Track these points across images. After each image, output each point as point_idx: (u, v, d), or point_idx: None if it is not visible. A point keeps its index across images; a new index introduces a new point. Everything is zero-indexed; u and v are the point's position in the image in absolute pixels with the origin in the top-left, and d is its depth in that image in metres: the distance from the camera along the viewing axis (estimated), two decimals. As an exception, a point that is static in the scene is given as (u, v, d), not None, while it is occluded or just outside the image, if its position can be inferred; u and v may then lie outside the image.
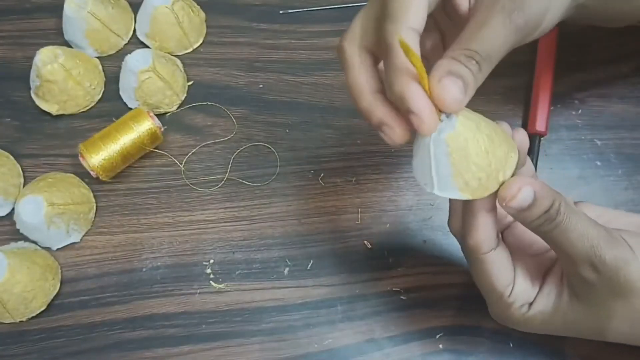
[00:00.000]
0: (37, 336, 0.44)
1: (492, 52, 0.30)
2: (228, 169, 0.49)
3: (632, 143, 0.50)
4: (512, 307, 0.35)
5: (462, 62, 0.29)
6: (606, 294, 0.32)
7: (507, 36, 0.31)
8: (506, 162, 0.30)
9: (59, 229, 0.45)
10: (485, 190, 0.30)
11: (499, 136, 0.30)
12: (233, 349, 0.44)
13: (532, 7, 0.31)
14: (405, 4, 0.30)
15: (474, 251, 0.34)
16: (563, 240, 0.32)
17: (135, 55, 0.49)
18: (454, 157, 0.29)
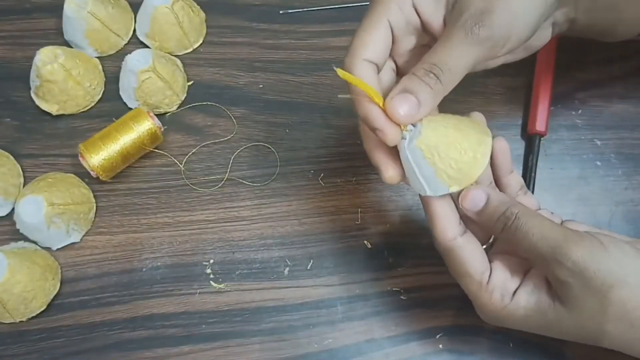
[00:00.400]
0: (37, 336, 0.44)
1: (452, 65, 0.32)
2: (228, 169, 0.49)
3: (632, 143, 0.50)
4: (492, 296, 0.35)
5: (420, 76, 0.32)
6: (583, 291, 0.33)
7: (468, 49, 0.32)
8: (479, 145, 0.33)
9: (59, 229, 0.45)
10: (471, 177, 0.33)
11: (467, 126, 0.33)
12: (233, 349, 0.44)
13: (496, 19, 0.32)
14: (363, 40, 0.34)
15: (441, 241, 0.35)
16: (527, 243, 0.34)
17: (135, 55, 0.49)
18: (430, 157, 0.32)
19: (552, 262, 0.33)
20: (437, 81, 0.32)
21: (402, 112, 0.31)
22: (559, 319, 0.34)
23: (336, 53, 0.54)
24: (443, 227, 0.35)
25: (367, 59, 0.34)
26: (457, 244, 0.35)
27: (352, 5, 0.56)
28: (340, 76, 0.32)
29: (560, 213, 0.48)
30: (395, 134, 0.32)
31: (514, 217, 0.34)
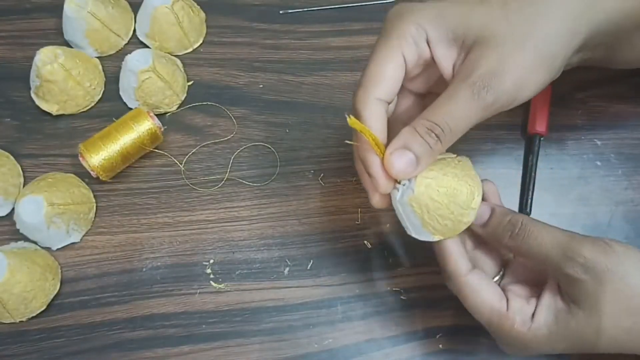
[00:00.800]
0: (37, 336, 0.44)
1: (454, 126, 0.32)
2: (228, 169, 0.49)
3: (632, 143, 0.50)
4: (515, 323, 0.35)
5: (421, 134, 0.32)
6: (597, 286, 0.32)
7: (472, 112, 0.32)
8: (469, 205, 0.34)
9: (59, 229, 0.45)
10: (454, 231, 0.35)
11: (460, 184, 0.34)
12: (233, 349, 0.44)
13: (504, 84, 0.31)
14: (377, 74, 0.33)
15: (455, 278, 0.36)
16: (537, 248, 0.34)
17: (135, 55, 0.49)
18: (418, 213, 0.34)
19: (563, 261, 0.33)
20: (437, 141, 0.32)
21: (398, 167, 0.32)
22: (579, 325, 0.34)
23: (336, 53, 0.54)
24: (455, 265, 0.36)
25: (379, 97, 0.33)
26: (472, 279, 0.36)
27: (352, 5, 0.56)
28: (350, 124, 0.32)
29: (560, 213, 0.48)
30: (388, 186, 0.33)
31: (520, 224, 0.35)
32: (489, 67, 0.31)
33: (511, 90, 0.32)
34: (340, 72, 0.53)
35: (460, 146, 0.50)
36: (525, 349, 0.36)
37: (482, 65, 0.32)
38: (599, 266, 0.32)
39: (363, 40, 0.54)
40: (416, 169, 0.33)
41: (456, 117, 0.32)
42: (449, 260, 0.36)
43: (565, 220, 0.48)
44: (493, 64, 0.31)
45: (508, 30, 0.32)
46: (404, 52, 0.33)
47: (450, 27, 0.33)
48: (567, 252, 0.33)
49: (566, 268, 0.33)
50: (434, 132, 0.32)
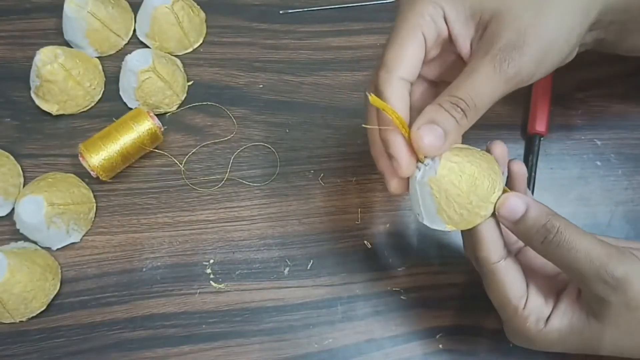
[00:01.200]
0: (37, 336, 0.44)
1: (478, 101, 0.32)
2: (228, 169, 0.49)
3: (632, 143, 0.50)
4: (527, 321, 0.35)
5: (447, 109, 0.31)
6: (622, 309, 0.32)
7: (495, 86, 0.32)
8: (488, 198, 0.33)
9: (59, 229, 0.45)
10: (469, 224, 0.33)
11: (482, 175, 0.33)
12: (233, 349, 0.44)
13: (525, 56, 0.31)
14: (399, 54, 0.32)
15: (484, 263, 0.35)
16: (570, 260, 0.32)
17: (135, 55, 0.49)
18: (437, 197, 0.33)
19: (595, 281, 0.32)
20: (463, 115, 0.32)
21: (427, 141, 0.31)
22: (594, 336, 0.33)
23: (336, 53, 0.54)
24: (488, 250, 0.34)
25: (402, 77, 0.33)
26: (500, 268, 0.34)
27: (352, 5, 0.56)
28: (372, 103, 0.31)
29: (560, 213, 0.48)
30: (411, 167, 0.33)
31: (556, 230, 0.32)
32: (509, 40, 0.31)
33: (532, 62, 0.32)
34: (340, 72, 0.53)
35: (460, 146, 0.50)
36: (531, 344, 0.36)
37: (502, 39, 0.31)
38: (629, 291, 0.31)
39: (363, 40, 0.54)
40: (445, 143, 0.32)
41: (479, 92, 0.32)
42: (482, 245, 0.34)
43: (565, 220, 0.48)
44: (512, 37, 0.31)
45: (525, 3, 0.32)
46: (424, 31, 0.33)
47: (467, 3, 0.33)
48: (601, 272, 0.31)
49: (596, 287, 0.32)
50: (459, 107, 0.31)
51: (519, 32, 0.31)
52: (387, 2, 0.56)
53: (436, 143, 0.31)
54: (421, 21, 0.33)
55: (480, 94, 0.32)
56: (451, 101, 0.32)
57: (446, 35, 0.34)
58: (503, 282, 0.35)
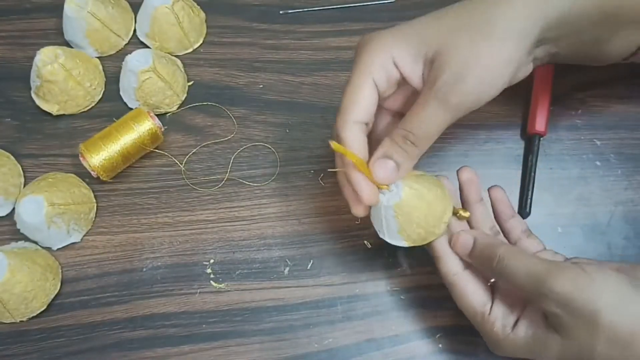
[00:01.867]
0: (37, 336, 0.44)
1: (427, 132, 0.35)
2: (228, 169, 0.49)
3: (632, 143, 0.50)
4: (494, 326, 0.37)
5: (398, 143, 0.36)
6: (572, 320, 0.33)
7: (442, 117, 0.35)
8: (441, 219, 0.39)
9: (59, 228, 0.45)
10: (424, 240, 0.39)
11: (437, 200, 0.38)
12: (233, 349, 0.44)
13: (467, 87, 0.34)
14: (353, 100, 0.36)
15: (445, 275, 0.39)
16: (515, 281, 0.35)
17: (135, 55, 0.49)
18: (399, 219, 0.38)
19: (538, 296, 0.34)
20: (413, 147, 0.36)
21: (381, 175, 0.36)
22: (556, 347, 0.35)
23: (336, 53, 0.54)
24: (445, 263, 0.39)
25: (356, 120, 0.37)
26: (460, 280, 0.39)
27: (352, 5, 0.56)
28: (334, 149, 0.36)
29: (560, 213, 0.48)
30: (373, 196, 0.37)
31: (497, 257, 0.36)
32: (450, 74, 0.34)
33: (473, 92, 0.35)
34: (340, 72, 0.53)
35: (461, 146, 0.50)
36: (503, 352, 0.38)
37: (445, 73, 0.34)
38: (572, 303, 0.33)
39: (363, 41, 0.54)
40: (398, 174, 0.36)
41: (428, 123, 0.35)
42: (440, 260, 0.39)
43: (565, 220, 0.48)
44: (453, 71, 0.34)
45: (463, 38, 0.34)
46: (374, 77, 0.37)
47: (412, 45, 0.36)
48: (540, 288, 0.34)
49: (542, 303, 0.34)
50: (409, 139, 0.36)
51: (460, 65, 0.34)
52: (387, 2, 0.56)
53: (390, 175, 0.36)
54: (371, 69, 0.36)
55: (428, 126, 0.35)
56: (402, 134, 0.36)
57: (398, 76, 0.37)
58: (465, 292, 0.39)
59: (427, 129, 0.35)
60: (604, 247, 0.47)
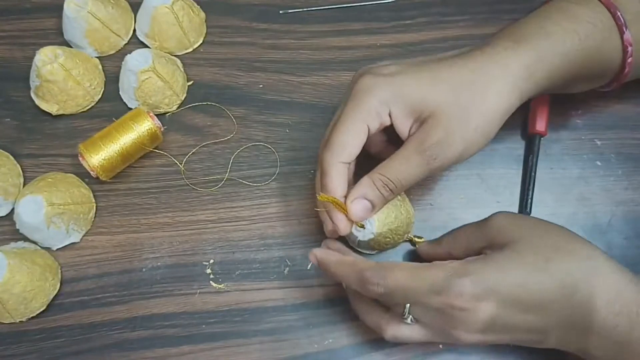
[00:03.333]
0: (37, 336, 0.44)
1: (405, 182, 0.39)
2: (228, 169, 0.49)
3: (632, 143, 0.50)
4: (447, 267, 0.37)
5: (378, 187, 0.39)
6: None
7: (422, 173, 0.39)
8: (406, 232, 0.45)
9: (58, 229, 0.45)
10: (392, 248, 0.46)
11: (402, 219, 0.44)
12: (233, 349, 0.44)
13: (449, 153, 0.38)
14: (344, 141, 0.39)
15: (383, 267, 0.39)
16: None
17: (135, 55, 0.49)
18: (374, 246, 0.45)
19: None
20: (390, 193, 0.39)
21: (357, 214, 0.39)
22: None
23: (336, 53, 0.54)
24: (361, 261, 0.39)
25: (344, 161, 0.39)
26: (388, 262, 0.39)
27: (352, 5, 0.56)
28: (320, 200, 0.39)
29: (560, 213, 0.48)
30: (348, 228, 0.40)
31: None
32: (438, 139, 0.38)
33: (455, 157, 0.38)
34: (340, 72, 0.53)
35: (460, 146, 0.50)
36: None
37: (433, 137, 0.38)
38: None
39: (363, 40, 0.54)
40: (372, 212, 0.40)
41: (408, 176, 0.39)
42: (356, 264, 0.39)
43: (565, 220, 0.48)
44: (442, 136, 0.38)
45: (455, 112, 0.38)
46: (369, 124, 0.39)
47: (409, 103, 0.39)
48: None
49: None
50: (388, 187, 0.39)
51: (447, 134, 0.38)
52: (387, 2, 0.56)
53: (364, 214, 0.39)
54: (367, 116, 0.39)
55: (407, 178, 0.39)
56: (383, 181, 0.39)
57: (388, 123, 0.40)
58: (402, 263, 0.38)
59: (406, 181, 0.39)
60: (604, 247, 0.47)
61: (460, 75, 0.39)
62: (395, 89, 0.39)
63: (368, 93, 0.39)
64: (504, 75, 0.39)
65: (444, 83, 0.39)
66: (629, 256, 0.47)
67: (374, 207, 0.39)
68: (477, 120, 0.38)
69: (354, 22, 0.55)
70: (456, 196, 0.49)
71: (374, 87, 0.39)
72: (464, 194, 0.49)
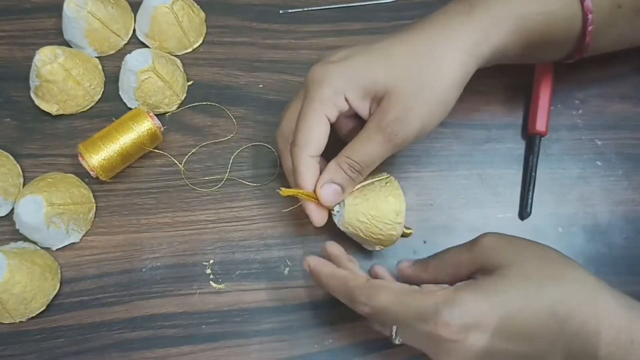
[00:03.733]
0: (37, 336, 0.44)
1: (370, 162, 0.40)
2: (228, 169, 0.49)
3: (632, 143, 0.50)
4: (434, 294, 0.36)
5: (344, 170, 0.40)
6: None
7: (385, 150, 0.39)
8: (394, 220, 0.42)
9: (58, 229, 0.45)
10: (390, 242, 0.43)
11: (382, 205, 0.41)
12: (233, 349, 0.44)
13: (409, 127, 0.38)
14: (308, 136, 0.40)
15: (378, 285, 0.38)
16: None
17: (135, 55, 0.49)
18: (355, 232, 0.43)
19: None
20: (358, 175, 0.40)
21: (327, 198, 0.40)
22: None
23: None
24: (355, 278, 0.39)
25: (311, 155, 0.40)
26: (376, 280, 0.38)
27: (352, 5, 0.56)
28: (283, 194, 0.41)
29: (560, 213, 0.48)
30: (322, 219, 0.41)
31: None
32: (396, 115, 0.38)
33: (416, 131, 0.39)
34: (340, 72, 0.53)
35: (461, 146, 0.50)
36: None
37: (391, 113, 0.38)
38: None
39: (363, 40, 0.54)
40: (342, 195, 0.41)
41: (372, 155, 0.39)
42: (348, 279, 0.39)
43: (565, 220, 0.48)
44: (399, 113, 0.38)
45: (409, 87, 0.38)
46: (327, 114, 0.40)
47: (362, 86, 0.39)
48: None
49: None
50: (354, 168, 0.40)
51: (404, 109, 0.38)
52: (387, 2, 0.56)
53: (334, 198, 0.40)
54: (324, 106, 0.39)
55: (372, 157, 0.40)
56: (348, 163, 0.40)
57: (347, 108, 0.40)
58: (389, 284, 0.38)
59: (371, 161, 0.40)
60: (604, 247, 0.47)
61: (410, 50, 0.39)
62: (346, 74, 0.39)
63: (320, 84, 0.39)
64: (456, 44, 0.39)
65: (395, 60, 0.39)
66: (629, 256, 0.47)
67: (344, 190, 0.40)
68: (432, 92, 0.38)
69: (354, 22, 0.55)
70: (456, 196, 0.49)
71: (325, 76, 0.39)
72: (464, 194, 0.49)
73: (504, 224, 0.48)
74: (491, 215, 0.48)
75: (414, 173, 0.49)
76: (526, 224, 0.48)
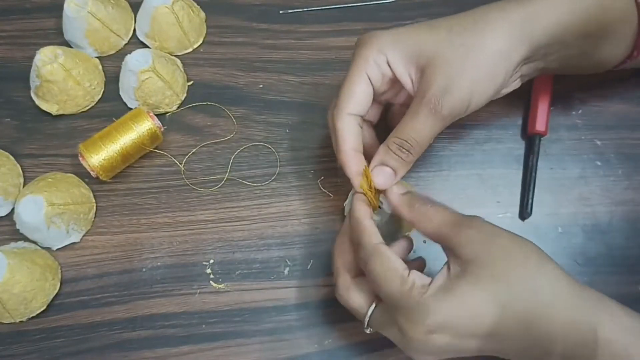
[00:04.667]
0: (37, 336, 0.44)
1: (420, 140, 0.38)
2: (228, 169, 0.49)
3: (632, 143, 0.50)
4: (413, 287, 0.35)
5: (394, 151, 0.39)
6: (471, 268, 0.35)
7: (433, 125, 0.38)
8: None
9: (58, 229, 0.45)
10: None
11: None
12: (233, 349, 0.44)
13: (454, 99, 0.37)
14: (347, 93, 0.39)
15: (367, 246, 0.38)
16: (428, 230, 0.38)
17: (135, 55, 0.49)
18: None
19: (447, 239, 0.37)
20: (408, 154, 0.39)
21: (379, 181, 0.39)
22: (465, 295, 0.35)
23: (336, 53, 0.54)
24: (370, 234, 0.38)
25: (351, 112, 0.40)
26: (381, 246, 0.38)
27: (352, 5, 0.56)
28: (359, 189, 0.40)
29: (560, 213, 0.48)
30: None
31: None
32: (440, 85, 0.37)
33: (462, 102, 0.37)
34: (340, 72, 0.53)
35: (461, 147, 0.50)
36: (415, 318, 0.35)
37: (435, 84, 0.37)
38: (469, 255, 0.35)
39: (363, 40, 0.54)
40: (395, 179, 0.40)
41: (420, 132, 0.38)
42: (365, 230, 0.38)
43: (565, 220, 0.48)
44: (443, 82, 0.37)
45: (453, 53, 0.37)
46: (368, 73, 0.39)
47: (405, 50, 0.39)
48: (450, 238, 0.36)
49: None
50: (404, 147, 0.38)
51: (448, 77, 0.37)
52: (387, 2, 0.56)
53: (388, 180, 0.39)
54: (366, 65, 0.39)
55: (421, 134, 0.38)
56: (397, 142, 0.38)
57: (391, 75, 0.40)
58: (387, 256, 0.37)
59: (420, 138, 0.38)
60: (604, 247, 0.47)
61: (456, 22, 0.39)
62: (390, 37, 0.39)
63: (364, 45, 0.40)
64: (504, 14, 0.38)
65: (441, 30, 0.38)
66: (629, 256, 0.47)
67: (397, 173, 0.39)
68: (478, 60, 0.37)
69: (354, 22, 0.55)
70: (456, 196, 0.49)
71: (371, 38, 0.40)
72: (464, 194, 0.49)
73: (504, 224, 0.47)
74: (491, 215, 0.48)
75: (414, 173, 0.49)
76: (526, 224, 0.48)
